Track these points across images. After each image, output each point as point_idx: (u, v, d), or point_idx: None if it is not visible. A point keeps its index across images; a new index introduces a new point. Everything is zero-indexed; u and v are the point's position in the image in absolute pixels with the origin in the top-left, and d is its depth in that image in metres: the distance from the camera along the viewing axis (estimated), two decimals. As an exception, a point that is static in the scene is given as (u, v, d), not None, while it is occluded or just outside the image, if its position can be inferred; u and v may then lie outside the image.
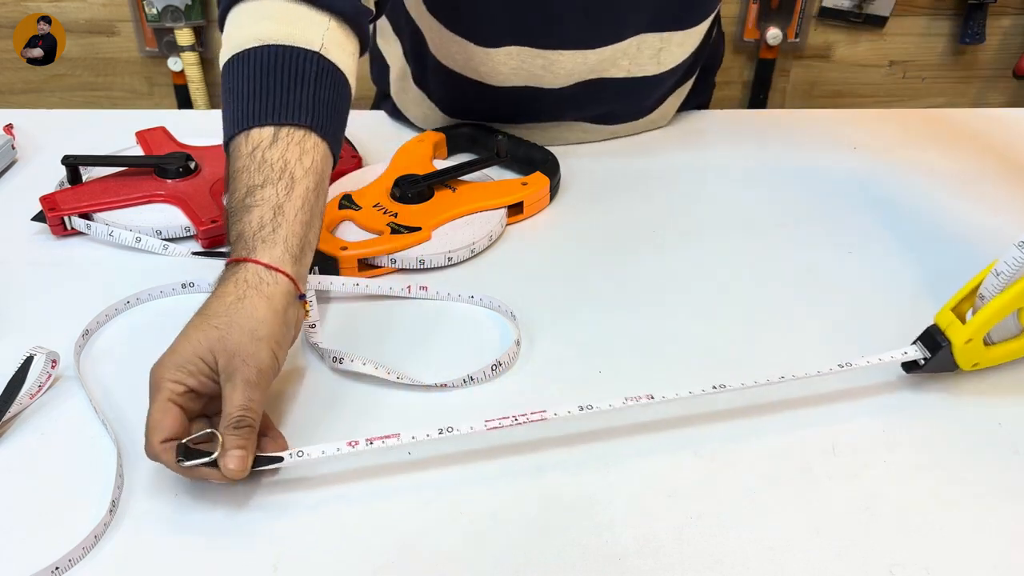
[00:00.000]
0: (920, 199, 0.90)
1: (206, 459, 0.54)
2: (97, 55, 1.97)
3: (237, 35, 0.66)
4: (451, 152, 0.97)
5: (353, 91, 0.71)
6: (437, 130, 0.96)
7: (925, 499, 0.58)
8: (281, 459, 0.57)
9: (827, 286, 0.77)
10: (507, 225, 0.85)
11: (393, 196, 0.84)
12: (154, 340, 0.71)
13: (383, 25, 1.02)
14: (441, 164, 0.92)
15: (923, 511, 0.57)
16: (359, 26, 0.71)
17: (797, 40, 1.95)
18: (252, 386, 0.55)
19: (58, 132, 1.00)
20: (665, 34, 0.90)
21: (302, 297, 0.61)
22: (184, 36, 1.87)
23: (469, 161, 0.89)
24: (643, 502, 0.57)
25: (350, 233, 0.81)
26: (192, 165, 0.87)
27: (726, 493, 0.58)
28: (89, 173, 0.88)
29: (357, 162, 0.93)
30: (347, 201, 0.84)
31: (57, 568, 0.52)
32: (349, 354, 0.66)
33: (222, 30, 0.70)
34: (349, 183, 0.88)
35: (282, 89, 0.63)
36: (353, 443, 0.57)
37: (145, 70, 1.99)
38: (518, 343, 0.69)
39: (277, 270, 0.59)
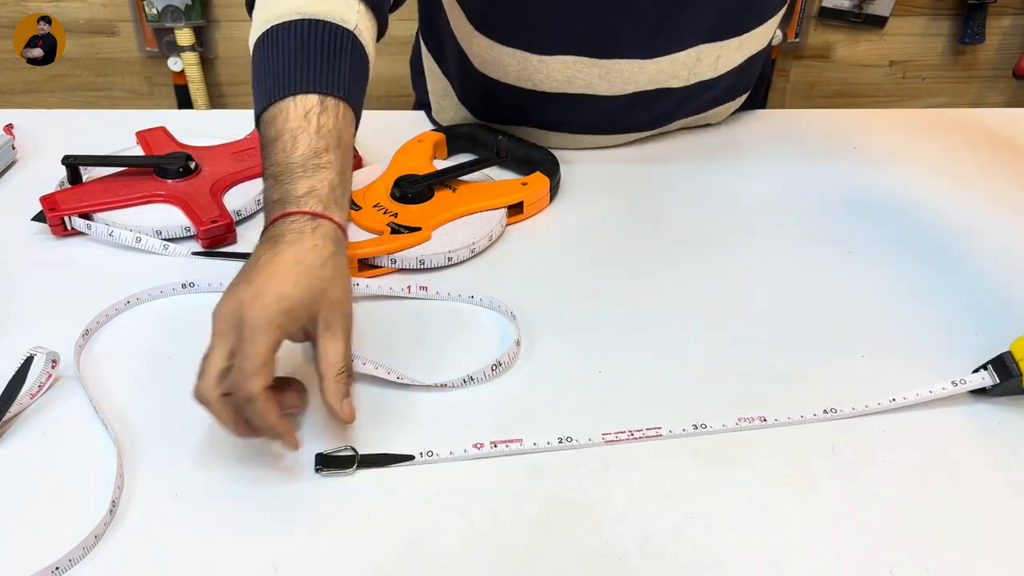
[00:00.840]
0: (920, 199, 0.90)
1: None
2: (97, 55, 1.97)
3: (276, 8, 0.67)
4: (451, 152, 0.97)
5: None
6: (437, 130, 0.96)
7: (925, 499, 0.58)
8: (412, 457, 0.59)
9: (829, 287, 0.77)
10: (507, 225, 0.85)
11: (393, 196, 0.84)
12: (154, 340, 0.71)
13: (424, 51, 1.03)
14: (441, 164, 0.92)
15: (923, 511, 0.57)
16: (382, 12, 0.73)
17: (797, 40, 1.95)
18: (349, 335, 0.59)
19: (58, 132, 1.00)
20: (724, 42, 0.89)
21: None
22: (184, 36, 1.87)
23: (469, 161, 0.89)
24: (643, 502, 0.57)
25: (350, 233, 0.81)
26: (192, 165, 0.87)
27: (726, 493, 0.58)
28: (89, 173, 0.88)
29: (357, 162, 0.93)
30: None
31: (57, 568, 0.52)
32: None
33: (251, 6, 0.72)
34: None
35: (324, 60, 0.65)
36: (479, 445, 0.59)
37: (145, 70, 1.99)
38: (518, 343, 0.69)
39: (344, 232, 0.62)
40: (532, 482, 0.59)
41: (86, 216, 0.82)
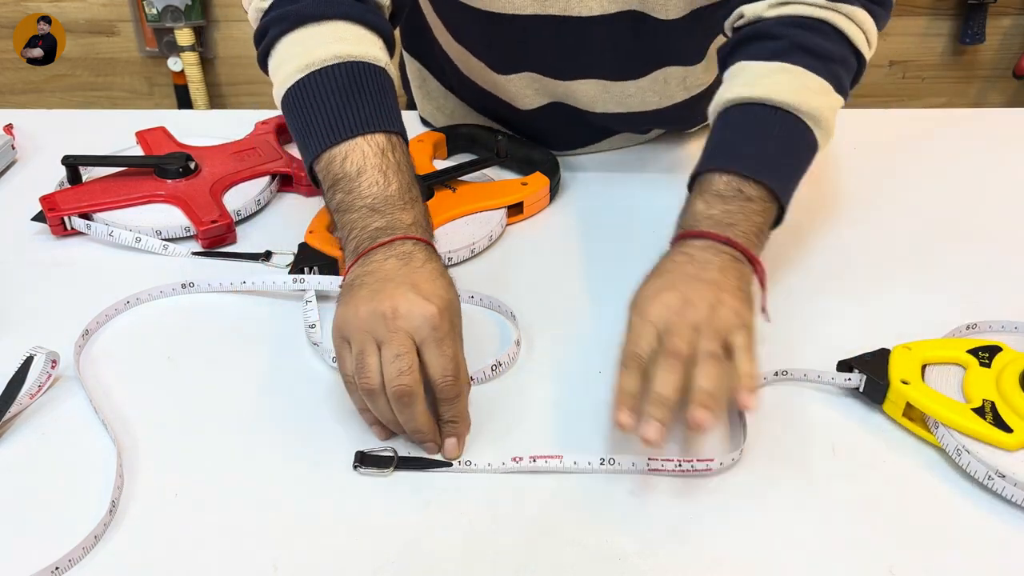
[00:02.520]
0: (920, 199, 0.90)
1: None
2: (97, 55, 1.97)
3: (307, 56, 0.70)
4: (451, 152, 0.96)
5: None
6: (437, 130, 0.96)
7: (925, 499, 0.58)
8: (450, 464, 0.59)
9: (829, 286, 0.77)
10: (507, 225, 0.85)
11: (393, 196, 0.84)
12: (154, 340, 0.71)
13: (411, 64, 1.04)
14: (441, 164, 0.92)
15: (923, 511, 0.57)
16: (392, 46, 0.76)
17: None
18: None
19: (58, 132, 1.00)
20: (689, 67, 0.89)
21: None
22: (184, 36, 1.87)
23: (469, 161, 0.89)
24: (643, 502, 0.57)
25: (350, 233, 0.81)
26: (192, 165, 0.87)
27: (726, 493, 0.58)
28: (89, 173, 0.88)
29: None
30: (347, 201, 0.84)
31: (57, 568, 0.52)
32: None
33: (266, 55, 0.74)
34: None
35: (375, 99, 0.70)
36: (517, 459, 0.58)
37: (145, 70, 1.99)
38: (518, 343, 0.69)
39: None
40: (532, 482, 0.59)
41: (86, 216, 0.82)
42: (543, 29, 0.82)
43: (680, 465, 0.58)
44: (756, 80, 0.71)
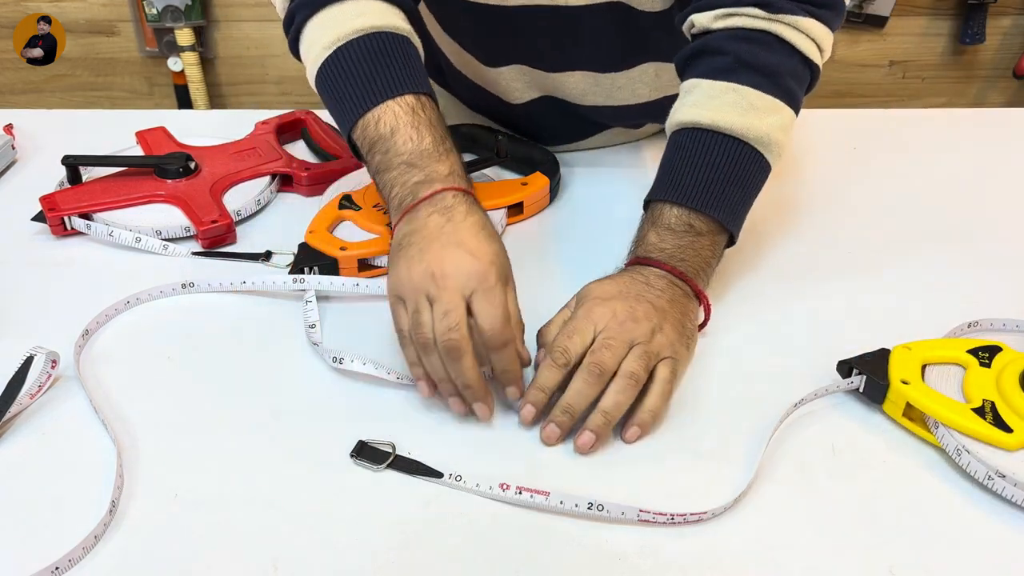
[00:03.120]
0: (919, 199, 0.90)
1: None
2: (97, 55, 1.97)
3: (333, 31, 0.72)
4: (451, 152, 0.96)
5: None
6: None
7: (925, 499, 0.58)
8: (440, 474, 0.59)
9: (830, 285, 0.77)
10: (507, 225, 0.85)
11: (393, 196, 0.84)
12: (154, 340, 0.71)
13: None
14: (441, 164, 0.92)
15: (923, 511, 0.57)
16: (414, 15, 0.78)
17: (797, 40, 1.95)
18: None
19: (58, 132, 1.00)
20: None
21: None
22: (184, 36, 1.87)
23: (469, 161, 0.89)
24: (642, 502, 0.57)
25: (350, 233, 0.81)
26: (192, 165, 0.87)
27: (726, 493, 0.58)
28: (89, 173, 0.88)
29: (358, 162, 0.93)
30: (347, 201, 0.84)
31: (57, 568, 0.52)
32: (349, 354, 0.66)
33: (296, 39, 0.76)
34: (349, 183, 0.88)
35: (401, 64, 0.72)
36: (505, 486, 0.58)
37: (145, 70, 1.99)
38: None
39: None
40: (532, 482, 0.59)
41: (86, 216, 0.82)
42: (531, 20, 0.82)
43: (672, 519, 0.56)
44: (705, 101, 0.71)
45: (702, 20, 0.73)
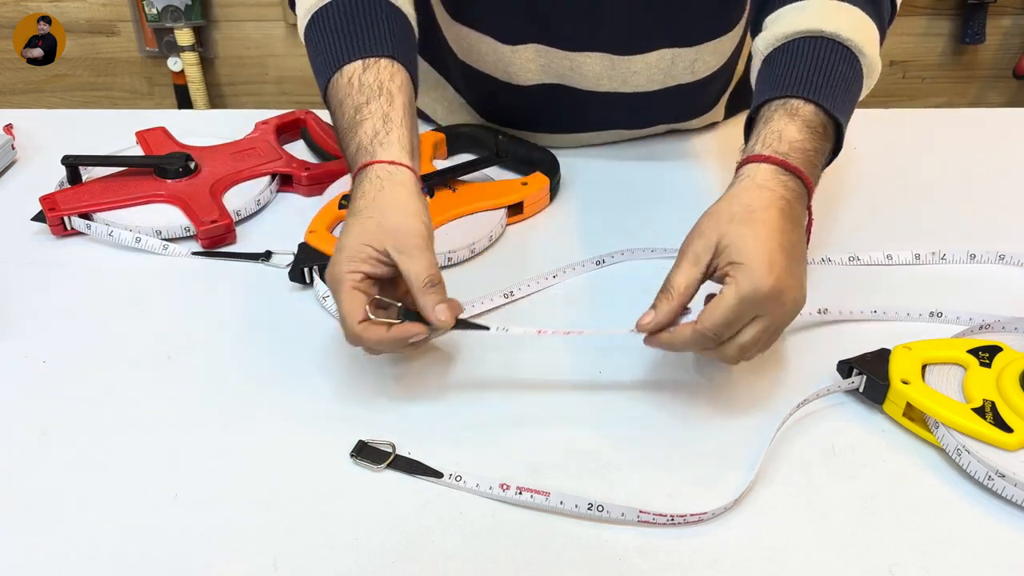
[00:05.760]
0: (919, 199, 0.90)
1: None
2: (97, 55, 1.97)
3: None
4: (451, 152, 0.96)
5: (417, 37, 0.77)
6: (437, 130, 0.96)
7: (925, 499, 0.58)
8: (440, 475, 0.59)
9: (829, 287, 0.77)
10: (507, 225, 0.85)
11: (393, 196, 0.84)
12: (154, 340, 0.71)
13: None
14: (441, 164, 0.92)
15: (923, 511, 0.57)
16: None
17: (797, 40, 1.95)
18: (424, 251, 0.62)
19: (58, 132, 1.00)
20: (699, 46, 0.88)
21: (425, 189, 0.69)
22: (184, 36, 1.87)
23: (469, 161, 0.89)
24: (642, 502, 0.57)
25: (350, 233, 0.81)
26: (192, 165, 0.87)
27: (726, 493, 0.58)
28: (89, 173, 0.88)
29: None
30: (347, 201, 0.83)
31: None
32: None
33: (292, 3, 0.77)
34: (349, 183, 0.88)
35: (362, 29, 0.71)
36: (505, 486, 0.57)
37: (145, 70, 1.99)
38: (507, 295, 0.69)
39: (398, 164, 0.66)
40: (532, 482, 0.59)
41: (86, 216, 0.82)
42: None
43: (672, 519, 0.56)
44: (821, 16, 0.69)
45: None
